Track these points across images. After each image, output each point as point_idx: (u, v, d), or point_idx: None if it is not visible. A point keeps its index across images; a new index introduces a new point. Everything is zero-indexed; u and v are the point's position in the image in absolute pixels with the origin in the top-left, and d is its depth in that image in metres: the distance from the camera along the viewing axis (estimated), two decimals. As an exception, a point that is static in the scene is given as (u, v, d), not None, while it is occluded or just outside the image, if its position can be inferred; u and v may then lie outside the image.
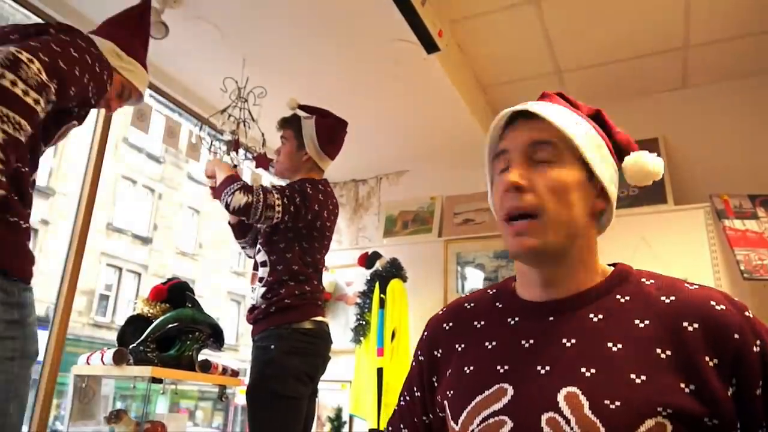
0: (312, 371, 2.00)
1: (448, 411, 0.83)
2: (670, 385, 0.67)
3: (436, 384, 0.89)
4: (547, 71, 3.12)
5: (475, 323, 0.87)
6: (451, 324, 0.90)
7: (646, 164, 0.78)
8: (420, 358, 0.93)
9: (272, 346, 1.93)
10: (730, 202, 2.73)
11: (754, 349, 0.69)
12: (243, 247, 2.36)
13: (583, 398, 0.68)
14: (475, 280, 3.35)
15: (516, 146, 0.79)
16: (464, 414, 0.78)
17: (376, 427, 2.83)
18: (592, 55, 2.99)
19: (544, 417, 0.69)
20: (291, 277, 2.01)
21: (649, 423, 0.65)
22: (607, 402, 0.67)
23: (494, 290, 0.90)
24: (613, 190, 0.80)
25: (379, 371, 2.90)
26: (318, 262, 2.14)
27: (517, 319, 0.82)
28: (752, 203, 2.72)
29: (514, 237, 0.76)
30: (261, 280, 2.05)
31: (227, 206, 1.96)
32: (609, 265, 0.83)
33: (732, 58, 2.93)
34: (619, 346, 0.71)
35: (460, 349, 0.86)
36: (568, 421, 0.67)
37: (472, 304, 0.91)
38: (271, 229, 2.08)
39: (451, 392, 0.83)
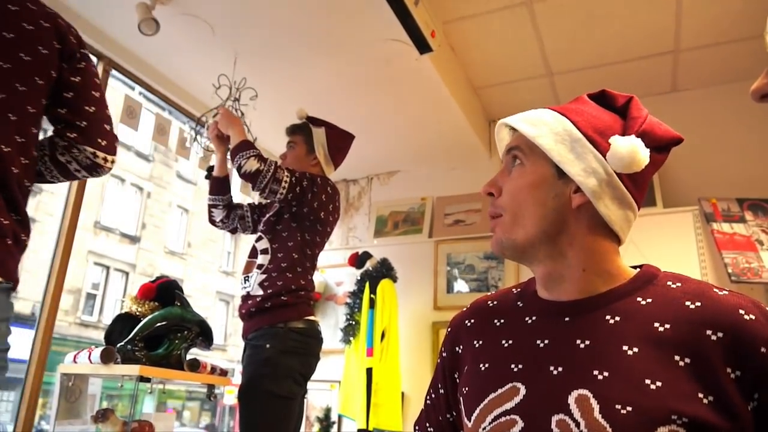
0: (306, 371, 2.01)
1: (462, 407, 0.83)
2: (687, 393, 0.64)
3: (458, 380, 0.88)
4: (539, 74, 3.13)
5: (495, 321, 0.86)
6: (472, 321, 0.90)
7: (638, 150, 0.74)
8: (443, 355, 0.93)
9: (267, 345, 1.93)
10: (718, 206, 2.75)
11: None
12: (214, 205, 2.35)
13: (593, 401, 0.66)
14: (465, 281, 3.36)
15: (501, 155, 0.88)
16: (477, 411, 0.77)
17: (364, 427, 2.82)
18: (583, 58, 3.01)
19: (555, 419, 0.68)
20: (290, 266, 2.03)
21: (662, 430, 0.63)
22: (618, 407, 0.65)
23: (518, 289, 0.90)
24: (590, 183, 0.76)
25: (369, 371, 2.90)
26: (315, 257, 2.17)
27: (534, 318, 0.81)
28: (740, 207, 2.75)
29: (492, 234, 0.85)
30: (260, 267, 2.06)
31: (239, 168, 2.00)
32: (635, 267, 0.81)
33: (722, 62, 2.96)
34: (636, 349, 0.69)
35: (477, 345, 0.86)
36: (578, 424, 0.66)
37: (495, 302, 0.90)
38: (275, 218, 2.11)
39: (466, 389, 0.83)
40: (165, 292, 2.16)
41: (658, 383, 0.66)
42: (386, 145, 3.54)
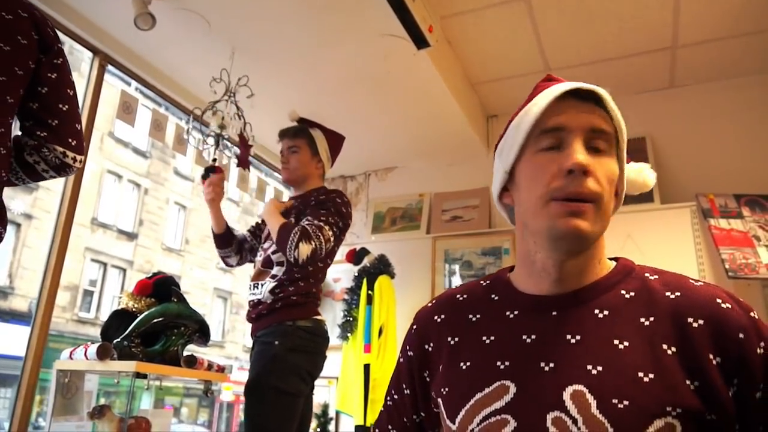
0: (313, 369, 2.05)
1: (443, 409, 0.80)
2: (677, 383, 0.66)
3: (428, 379, 0.85)
4: (537, 69, 3.13)
5: (470, 316, 0.83)
6: (443, 316, 0.86)
7: (648, 178, 0.81)
8: (409, 353, 0.89)
9: (276, 342, 1.96)
10: (715, 202, 2.75)
11: (758, 350, 0.67)
12: (226, 257, 2.39)
13: (590, 397, 0.66)
14: (462, 277, 3.35)
15: (576, 127, 0.75)
16: (462, 412, 0.75)
17: (362, 423, 2.82)
18: (581, 54, 3.00)
19: (550, 416, 0.67)
20: (303, 276, 2.08)
21: (659, 423, 0.63)
22: (615, 401, 0.65)
23: (487, 282, 0.87)
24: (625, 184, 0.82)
25: (366, 367, 2.90)
26: (328, 266, 2.24)
27: (516, 312, 0.79)
28: (737, 203, 2.75)
29: (567, 216, 0.72)
30: (274, 276, 2.09)
31: (295, 261, 1.98)
32: (610, 259, 0.82)
33: (720, 58, 2.95)
34: (626, 343, 0.70)
35: (453, 342, 0.82)
36: (575, 421, 0.65)
37: (464, 296, 0.87)
38: None
39: (446, 389, 0.79)
40: (162, 288, 2.15)
41: (651, 375, 0.66)
42: (384, 140, 3.54)
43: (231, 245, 2.37)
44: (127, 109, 2.46)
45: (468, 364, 0.78)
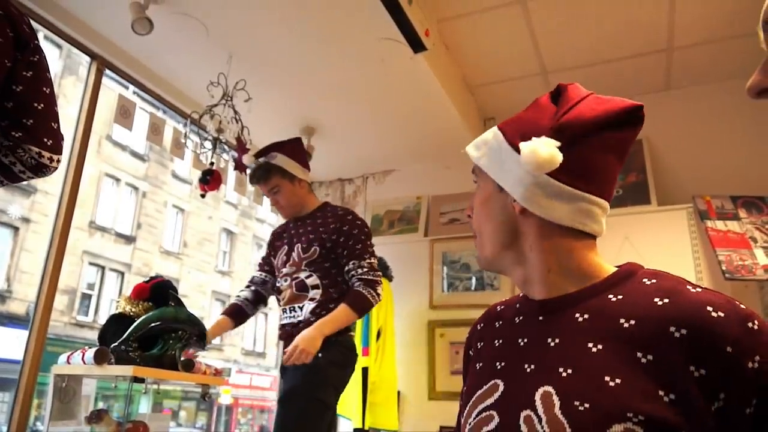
0: (342, 383, 2.14)
1: (461, 405, 0.88)
2: (646, 391, 0.64)
3: None
4: (533, 72, 3.14)
5: (496, 323, 0.90)
6: (482, 324, 0.94)
7: (538, 150, 0.74)
8: (464, 360, 0.98)
9: (319, 354, 2.03)
10: (712, 203, 2.76)
11: (749, 364, 0.62)
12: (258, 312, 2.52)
13: (555, 398, 0.68)
14: (460, 279, 3.35)
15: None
16: (467, 408, 0.82)
17: (360, 426, 2.82)
18: (578, 56, 3.01)
19: (522, 414, 0.70)
20: (340, 295, 2.16)
21: (617, 428, 0.62)
22: (576, 403, 0.66)
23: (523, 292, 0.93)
24: (519, 191, 0.78)
25: (364, 371, 2.89)
26: None
27: (521, 317, 0.85)
28: (734, 204, 2.76)
29: None
30: (312, 299, 2.16)
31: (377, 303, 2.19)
32: (620, 265, 0.81)
33: (715, 60, 2.97)
34: (600, 346, 0.70)
35: (479, 347, 0.90)
36: (540, 420, 0.68)
37: (502, 307, 0.93)
38: (321, 258, 2.20)
39: (465, 388, 0.88)
40: (159, 291, 2.14)
41: (618, 380, 0.66)
42: (381, 144, 3.54)
43: (254, 313, 2.44)
44: (124, 113, 2.47)
45: (480, 365, 0.86)
